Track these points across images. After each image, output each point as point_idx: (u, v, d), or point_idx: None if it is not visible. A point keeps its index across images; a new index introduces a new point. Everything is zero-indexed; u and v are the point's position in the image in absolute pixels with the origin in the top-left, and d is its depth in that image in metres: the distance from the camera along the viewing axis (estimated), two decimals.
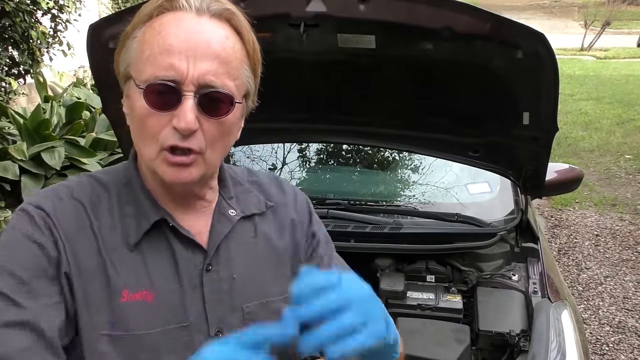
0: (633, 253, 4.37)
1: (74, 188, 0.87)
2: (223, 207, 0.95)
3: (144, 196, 0.89)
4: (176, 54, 0.77)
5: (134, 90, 0.80)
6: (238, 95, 0.83)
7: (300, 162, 2.76)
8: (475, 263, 1.97)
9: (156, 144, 0.80)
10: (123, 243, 0.85)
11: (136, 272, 0.84)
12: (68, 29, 5.12)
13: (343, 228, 1.98)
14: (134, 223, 0.86)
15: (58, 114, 4.61)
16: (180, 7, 0.80)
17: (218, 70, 0.79)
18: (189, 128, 0.78)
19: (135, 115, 0.81)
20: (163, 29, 0.79)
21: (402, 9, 1.44)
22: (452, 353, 1.60)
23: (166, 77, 0.77)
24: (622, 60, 14.05)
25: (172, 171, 0.81)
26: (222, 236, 0.91)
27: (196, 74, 0.77)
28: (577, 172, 2.59)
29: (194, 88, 0.77)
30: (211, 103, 0.79)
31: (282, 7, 1.47)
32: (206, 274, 0.88)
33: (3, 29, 4.30)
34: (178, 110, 0.78)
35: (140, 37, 0.81)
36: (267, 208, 1.00)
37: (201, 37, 0.78)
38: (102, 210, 0.87)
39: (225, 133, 0.84)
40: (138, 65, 0.80)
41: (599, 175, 6.11)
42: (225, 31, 0.81)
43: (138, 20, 0.82)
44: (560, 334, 1.57)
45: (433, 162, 2.51)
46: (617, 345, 3.26)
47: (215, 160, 0.86)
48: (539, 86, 1.55)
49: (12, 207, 3.63)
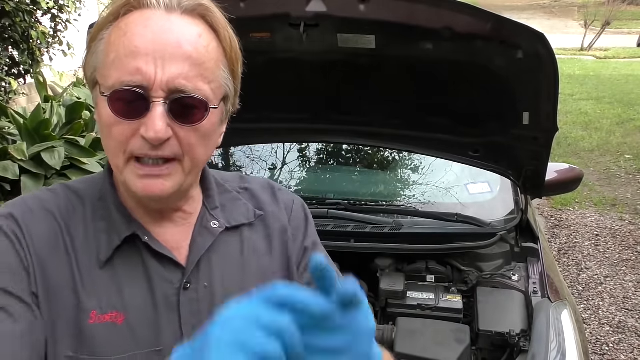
0: (633, 253, 4.37)
1: (46, 200, 0.81)
2: (206, 219, 0.87)
3: (117, 210, 0.82)
4: (143, 56, 0.70)
5: (100, 97, 0.74)
6: (214, 99, 0.76)
7: (300, 162, 2.76)
8: (475, 263, 1.97)
9: (124, 154, 0.74)
10: (95, 260, 0.79)
11: (106, 291, 0.78)
12: (68, 29, 5.12)
13: (343, 228, 1.98)
14: (105, 239, 0.80)
15: (58, 114, 4.61)
16: (148, 4, 0.73)
17: (190, 73, 0.72)
18: (159, 138, 0.71)
19: (102, 123, 0.75)
20: (129, 29, 0.72)
21: (402, 9, 1.44)
22: (452, 353, 1.60)
23: (132, 82, 0.70)
24: (622, 60, 14.05)
25: (142, 184, 0.74)
26: (202, 251, 0.84)
27: (165, 77, 0.70)
28: (577, 172, 2.59)
29: (163, 94, 0.71)
30: (184, 109, 0.73)
31: (282, 7, 1.47)
32: (184, 292, 0.80)
33: (3, 29, 4.29)
34: (146, 118, 0.71)
35: (106, 38, 0.75)
36: (256, 217, 0.92)
37: (170, 36, 0.71)
38: (76, 224, 0.81)
39: (202, 139, 0.76)
40: (103, 69, 0.74)
41: (599, 175, 6.11)
42: (199, 29, 0.74)
43: (104, 21, 0.76)
44: (560, 334, 1.57)
45: (433, 162, 2.50)
46: (617, 345, 3.26)
47: (195, 168, 0.79)
48: (539, 86, 1.55)
49: None
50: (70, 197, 0.83)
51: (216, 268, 0.84)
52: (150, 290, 0.79)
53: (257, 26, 1.51)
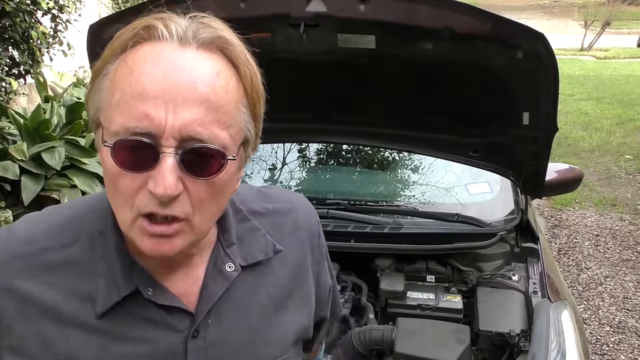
0: (633, 253, 4.37)
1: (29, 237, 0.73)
2: (220, 260, 0.78)
3: (117, 254, 0.73)
4: (152, 99, 0.61)
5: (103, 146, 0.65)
6: (233, 147, 0.67)
7: (300, 162, 2.76)
8: (475, 263, 1.97)
9: (131, 209, 0.65)
10: (89, 310, 0.71)
11: (105, 344, 0.71)
12: (68, 29, 5.12)
13: (343, 228, 1.98)
14: (104, 288, 0.72)
15: (58, 114, 4.61)
16: (160, 36, 0.64)
17: (206, 119, 0.63)
18: (168, 194, 0.62)
19: (107, 172, 0.66)
20: (137, 66, 0.63)
21: (402, 9, 1.44)
22: (452, 353, 1.60)
23: (139, 129, 0.61)
24: (622, 60, 14.04)
25: (151, 243, 0.67)
26: (215, 299, 0.76)
27: (177, 124, 0.61)
28: (577, 172, 2.59)
29: (175, 143, 0.62)
30: (198, 160, 0.64)
31: (282, 7, 1.47)
32: (192, 340, 0.74)
33: (3, 29, 4.29)
34: (155, 170, 0.62)
35: (111, 74, 0.66)
36: (275, 253, 0.83)
37: (183, 76, 0.62)
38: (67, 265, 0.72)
39: (217, 193, 0.68)
40: (107, 110, 0.65)
41: (599, 175, 6.11)
42: (217, 65, 0.65)
43: (110, 53, 0.67)
44: (560, 334, 1.57)
45: (433, 162, 2.50)
46: (617, 345, 3.26)
47: (206, 227, 0.71)
48: (539, 86, 1.55)
49: (12, 207, 3.63)
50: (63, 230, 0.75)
51: (228, 314, 0.78)
52: (154, 341, 0.73)
53: (257, 26, 1.51)
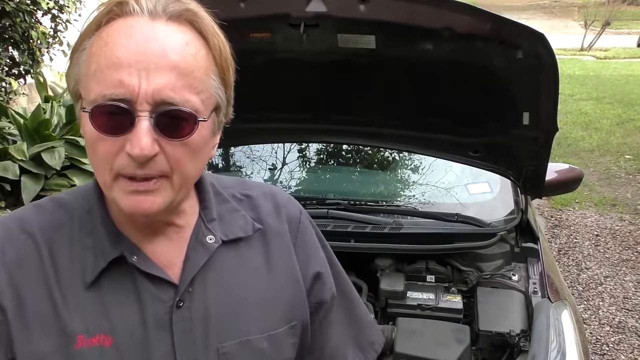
0: (633, 253, 4.37)
1: (28, 219, 0.78)
2: (201, 233, 0.82)
3: (103, 227, 0.78)
4: (125, 67, 0.66)
5: (82, 113, 0.70)
6: (204, 111, 0.71)
7: (300, 162, 2.76)
8: (475, 263, 1.97)
9: (110, 172, 0.70)
10: (80, 280, 0.75)
11: (93, 313, 0.74)
12: (68, 29, 5.13)
13: (343, 228, 1.98)
14: (91, 258, 0.76)
15: (58, 114, 4.61)
16: (131, 11, 0.68)
17: (177, 84, 0.67)
18: (144, 155, 0.67)
19: (86, 140, 0.71)
20: (111, 39, 0.68)
21: (402, 9, 1.44)
22: (452, 353, 1.60)
23: (115, 95, 0.66)
24: (622, 60, 14.04)
25: (131, 200, 0.70)
26: (197, 269, 0.80)
27: (150, 89, 0.66)
28: (577, 172, 2.59)
29: (149, 107, 0.66)
30: (171, 123, 0.68)
31: (282, 7, 1.47)
32: (176, 310, 0.77)
33: (3, 29, 4.30)
34: (131, 134, 0.67)
35: (88, 49, 0.70)
36: (255, 231, 0.87)
37: (155, 45, 0.67)
38: (62, 241, 0.77)
39: (192, 154, 0.72)
40: (85, 81, 0.69)
41: (599, 175, 6.11)
42: (186, 36, 0.70)
43: (86, 30, 0.71)
44: (560, 334, 1.57)
45: (433, 162, 2.50)
46: (617, 346, 3.26)
47: (187, 184, 0.75)
48: (539, 86, 1.55)
49: (12, 207, 3.63)
50: (57, 212, 0.80)
51: (210, 286, 0.81)
52: (140, 311, 0.76)
53: (257, 26, 1.51)
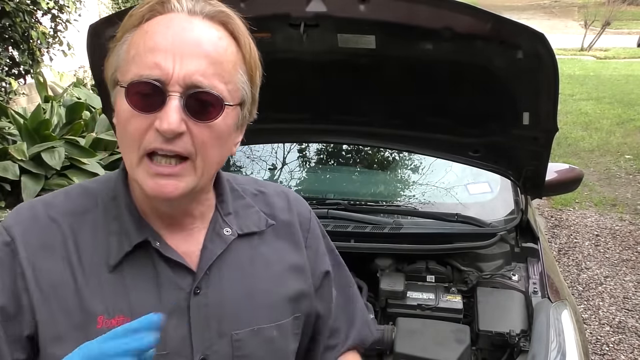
0: (633, 253, 4.37)
1: (55, 204, 0.82)
2: (218, 225, 0.87)
3: (128, 213, 0.82)
4: (162, 52, 0.72)
5: (119, 92, 0.75)
6: (230, 99, 0.76)
7: (300, 162, 2.76)
8: (475, 263, 1.97)
9: (138, 150, 0.74)
10: (103, 263, 0.79)
11: (114, 295, 0.78)
12: (68, 29, 5.13)
13: (343, 228, 1.97)
14: (115, 242, 0.80)
15: (58, 114, 4.61)
16: (172, 8, 0.75)
17: (207, 71, 0.73)
18: (172, 130, 0.71)
19: (120, 120, 0.76)
20: (150, 28, 0.74)
21: (402, 9, 1.44)
22: (452, 353, 1.60)
23: (150, 76, 0.72)
24: (622, 60, 14.05)
25: (154, 183, 0.74)
26: (213, 258, 0.84)
27: (182, 73, 0.71)
28: (577, 172, 2.59)
29: (180, 88, 0.72)
30: (199, 105, 0.73)
31: (282, 7, 1.47)
32: (194, 297, 0.81)
33: (3, 29, 4.30)
34: (162, 111, 0.72)
35: (129, 40, 0.77)
36: (268, 226, 0.92)
37: (190, 34, 0.73)
38: (87, 225, 0.81)
39: (217, 139, 0.76)
40: (124, 66, 0.76)
41: (599, 175, 6.11)
42: (219, 32, 0.76)
43: (129, 25, 0.78)
44: (560, 334, 1.56)
45: (433, 162, 2.50)
46: (617, 346, 3.26)
47: (208, 170, 0.79)
48: (539, 86, 1.55)
49: (12, 207, 3.63)
50: (83, 198, 0.84)
51: (226, 275, 0.85)
52: (159, 295, 0.80)
53: (257, 26, 1.51)
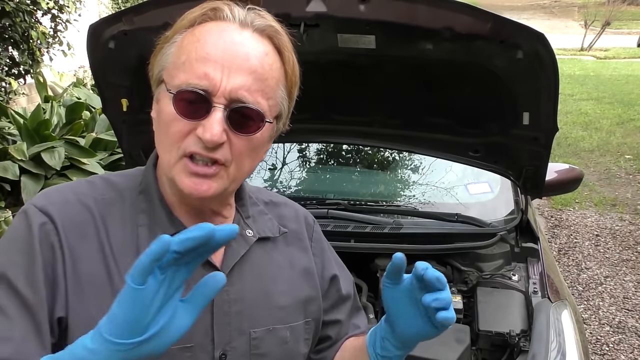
0: (633, 253, 4.37)
1: (82, 191, 0.84)
2: (241, 226, 0.91)
3: (161, 206, 0.85)
4: (212, 62, 0.74)
5: (164, 94, 0.78)
6: (269, 115, 0.80)
7: (300, 162, 2.76)
8: (475, 263, 1.97)
9: (177, 150, 0.77)
10: (133, 253, 0.80)
11: None
12: (68, 29, 5.12)
13: (343, 228, 1.97)
14: (146, 233, 0.82)
15: (58, 114, 4.61)
16: (224, 17, 0.78)
17: (252, 87, 0.76)
18: (214, 140, 0.74)
19: (162, 119, 0.79)
20: (203, 36, 0.77)
21: (402, 9, 1.44)
22: (452, 353, 1.60)
23: (199, 85, 0.74)
24: (622, 60, 14.06)
25: (191, 182, 0.78)
26: (238, 257, 0.88)
27: (229, 86, 0.74)
28: (577, 172, 2.59)
29: (225, 101, 0.75)
30: (241, 119, 0.76)
31: (282, 7, 1.46)
32: (218, 293, 0.83)
33: (3, 29, 4.29)
34: (205, 120, 0.75)
35: (178, 42, 0.79)
36: (280, 234, 0.97)
37: (240, 49, 0.76)
38: (113, 216, 0.83)
39: (252, 151, 0.80)
40: (172, 70, 0.78)
41: (599, 175, 6.11)
42: (266, 47, 0.79)
43: (180, 26, 0.80)
44: (560, 334, 1.56)
45: (433, 162, 2.50)
46: (617, 346, 3.26)
47: (240, 177, 0.83)
48: (539, 86, 1.55)
49: (12, 207, 3.63)
50: (107, 189, 0.86)
51: (246, 275, 0.88)
52: (186, 289, 0.80)
53: None
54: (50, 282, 0.76)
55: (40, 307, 0.74)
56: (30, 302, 0.74)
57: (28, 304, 0.74)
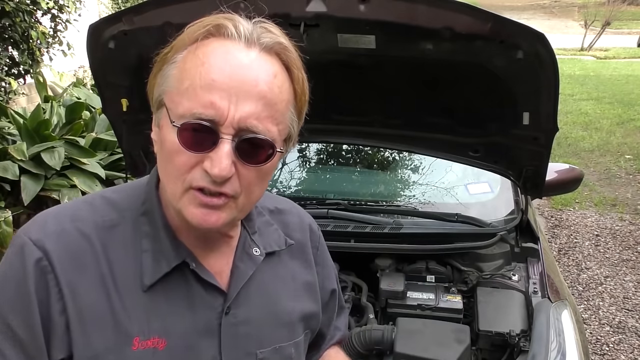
0: (633, 253, 4.37)
1: (81, 216, 0.79)
2: (247, 245, 0.88)
3: (165, 232, 0.80)
4: (218, 90, 0.69)
5: (167, 123, 0.72)
6: (280, 141, 0.76)
7: (300, 162, 2.75)
8: (475, 263, 1.97)
9: (183, 183, 0.73)
10: (136, 282, 0.77)
11: (148, 316, 0.77)
12: (68, 29, 5.12)
13: (343, 228, 1.97)
14: (150, 261, 0.78)
15: (58, 114, 4.61)
16: (229, 35, 0.72)
17: (262, 114, 0.71)
18: (223, 175, 0.70)
19: (165, 148, 0.74)
20: (207, 59, 0.70)
21: (402, 9, 1.44)
22: (452, 353, 1.60)
23: (204, 116, 0.69)
24: (622, 60, 14.06)
25: (200, 213, 0.74)
26: (245, 279, 0.85)
27: (237, 116, 0.69)
28: (577, 172, 2.59)
29: (233, 131, 0.70)
30: (250, 149, 0.72)
31: (282, 7, 1.46)
32: (225, 317, 0.82)
33: (3, 29, 4.29)
34: (212, 153, 0.70)
35: (180, 63, 0.73)
36: (287, 246, 0.94)
37: (248, 73, 0.70)
38: (115, 241, 0.79)
39: (262, 179, 0.77)
40: (175, 95, 0.72)
41: (599, 175, 6.11)
42: (274, 68, 0.73)
43: (180, 44, 0.74)
44: (560, 334, 1.56)
45: (433, 162, 2.50)
46: (617, 346, 3.26)
47: (249, 206, 0.80)
48: (539, 86, 1.55)
49: (11, 207, 3.63)
50: (108, 211, 0.81)
51: (252, 295, 0.86)
52: (193, 315, 0.79)
53: None
54: (45, 324, 0.73)
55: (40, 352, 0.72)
56: (30, 348, 0.72)
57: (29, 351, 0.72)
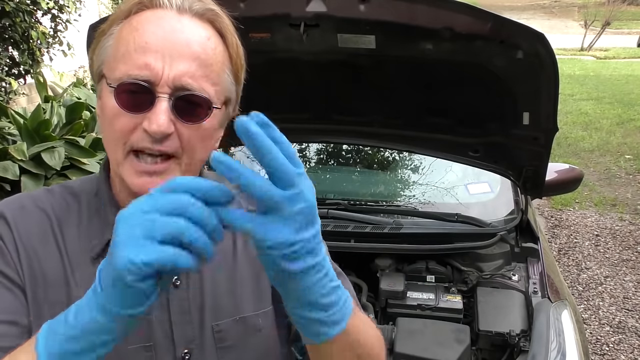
0: (633, 253, 4.37)
1: (39, 197, 0.83)
2: None
3: (110, 205, 0.83)
4: (152, 52, 0.71)
5: (106, 89, 0.75)
6: (217, 101, 0.77)
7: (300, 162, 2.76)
8: (475, 263, 1.97)
9: (124, 146, 0.74)
10: (87, 254, 0.80)
11: None
12: (68, 29, 5.12)
13: (343, 228, 1.98)
14: (98, 234, 0.81)
15: (58, 114, 4.60)
16: (161, 4, 0.75)
17: (196, 73, 0.73)
18: (162, 131, 0.71)
19: (105, 115, 0.76)
20: (141, 25, 0.74)
21: (402, 9, 1.44)
22: (452, 353, 1.60)
23: (140, 76, 0.71)
24: (622, 60, 14.05)
25: (140, 181, 0.75)
26: None
27: (172, 75, 0.71)
28: (577, 172, 2.59)
29: (169, 90, 0.72)
30: (187, 107, 0.73)
31: (282, 7, 1.47)
32: (174, 290, 0.81)
33: (3, 29, 4.29)
34: (150, 113, 0.72)
35: (116, 34, 0.76)
36: None
37: (180, 36, 0.73)
38: (70, 220, 0.82)
39: (202, 139, 0.77)
40: (111, 62, 0.75)
41: (599, 175, 6.11)
42: (207, 32, 0.76)
43: (115, 17, 0.77)
44: (560, 334, 1.57)
45: (433, 162, 2.50)
46: (617, 346, 3.26)
47: (193, 167, 0.79)
48: (539, 86, 1.56)
49: None
50: (65, 195, 0.85)
51: (207, 268, 0.82)
52: None
53: (257, 26, 1.51)
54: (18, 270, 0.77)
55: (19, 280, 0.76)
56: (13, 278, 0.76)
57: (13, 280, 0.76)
